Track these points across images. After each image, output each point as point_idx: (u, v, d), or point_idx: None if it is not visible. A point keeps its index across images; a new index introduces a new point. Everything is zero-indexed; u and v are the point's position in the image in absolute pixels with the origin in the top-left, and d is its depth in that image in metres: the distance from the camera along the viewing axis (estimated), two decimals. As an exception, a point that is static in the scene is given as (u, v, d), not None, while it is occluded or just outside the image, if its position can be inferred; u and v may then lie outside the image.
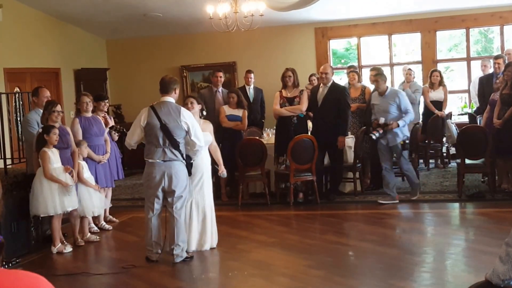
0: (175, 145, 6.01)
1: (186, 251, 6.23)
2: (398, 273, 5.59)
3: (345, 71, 11.41)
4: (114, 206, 8.56)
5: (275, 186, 9.12)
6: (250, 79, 10.61)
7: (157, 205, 6.14)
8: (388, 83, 9.00)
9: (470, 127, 9.00)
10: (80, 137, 7.50)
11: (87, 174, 7.32)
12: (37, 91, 7.60)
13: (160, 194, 6.09)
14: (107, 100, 8.36)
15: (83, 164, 7.33)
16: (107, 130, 8.02)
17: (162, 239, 6.28)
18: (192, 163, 6.22)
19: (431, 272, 5.61)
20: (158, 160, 6.01)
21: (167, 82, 6.17)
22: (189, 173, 6.19)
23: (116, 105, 13.63)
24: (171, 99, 6.16)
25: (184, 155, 6.11)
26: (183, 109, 6.17)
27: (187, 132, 6.06)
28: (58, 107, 7.00)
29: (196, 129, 6.13)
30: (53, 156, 6.73)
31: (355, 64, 12.56)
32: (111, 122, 8.21)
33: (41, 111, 7.30)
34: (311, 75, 11.39)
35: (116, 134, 7.08)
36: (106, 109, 8.36)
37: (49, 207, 6.65)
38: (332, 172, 9.04)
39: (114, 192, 8.86)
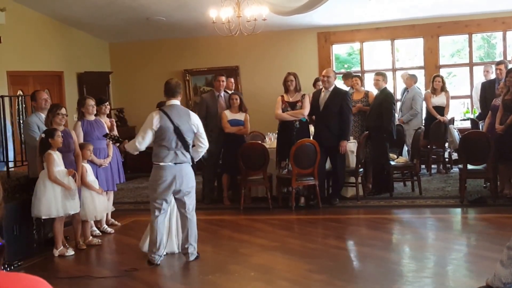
0: (186, 147, 6.12)
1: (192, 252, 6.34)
2: (400, 278, 5.60)
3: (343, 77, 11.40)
4: (116, 209, 8.57)
5: (277, 191, 9.12)
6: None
7: (166, 208, 6.20)
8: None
9: (472, 133, 9.00)
10: (81, 140, 7.51)
11: (91, 178, 7.32)
12: (34, 95, 7.63)
13: (169, 196, 6.15)
14: (107, 103, 8.38)
15: (88, 167, 7.34)
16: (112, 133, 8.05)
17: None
18: (195, 164, 6.38)
19: (432, 277, 5.61)
20: (170, 163, 6.06)
21: (174, 86, 6.26)
22: None
23: (119, 108, 13.66)
24: (178, 102, 6.27)
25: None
26: (190, 112, 6.34)
27: (195, 134, 6.20)
28: (63, 110, 7.02)
29: (202, 131, 6.29)
30: (58, 159, 6.75)
31: (352, 70, 12.61)
32: (115, 128, 8.27)
33: (41, 114, 7.33)
34: (316, 80, 11.36)
35: (112, 142, 7.03)
36: (108, 112, 8.40)
37: (51, 209, 6.66)
38: (334, 176, 9.04)
39: (116, 195, 8.87)
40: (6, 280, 1.51)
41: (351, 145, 9.20)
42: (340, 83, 10.82)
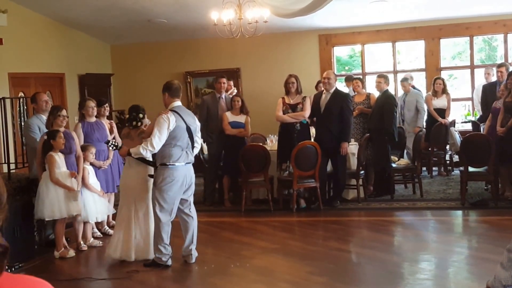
0: (193, 147, 6.21)
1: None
2: (401, 281, 5.60)
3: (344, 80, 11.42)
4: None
5: (278, 193, 9.12)
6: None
7: (176, 208, 6.18)
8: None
9: (473, 135, 9.00)
10: (82, 142, 7.52)
11: (92, 180, 7.33)
12: (34, 97, 7.65)
13: (179, 197, 6.15)
14: (106, 105, 8.37)
15: (90, 169, 7.34)
16: (111, 136, 8.03)
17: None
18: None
19: (433, 280, 5.61)
20: (183, 163, 6.08)
21: (178, 87, 6.31)
22: None
23: (120, 110, 13.64)
24: (180, 103, 6.30)
25: None
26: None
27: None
28: (64, 112, 7.03)
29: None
30: (60, 161, 6.75)
31: (353, 72, 12.59)
32: (115, 130, 8.26)
33: (42, 116, 7.34)
34: (319, 82, 11.34)
35: (112, 148, 6.94)
36: (107, 113, 8.39)
37: (54, 211, 6.67)
38: (335, 178, 9.04)
39: (117, 197, 8.85)
40: (10, 282, 1.51)
41: (352, 147, 9.20)
42: (342, 86, 10.83)
